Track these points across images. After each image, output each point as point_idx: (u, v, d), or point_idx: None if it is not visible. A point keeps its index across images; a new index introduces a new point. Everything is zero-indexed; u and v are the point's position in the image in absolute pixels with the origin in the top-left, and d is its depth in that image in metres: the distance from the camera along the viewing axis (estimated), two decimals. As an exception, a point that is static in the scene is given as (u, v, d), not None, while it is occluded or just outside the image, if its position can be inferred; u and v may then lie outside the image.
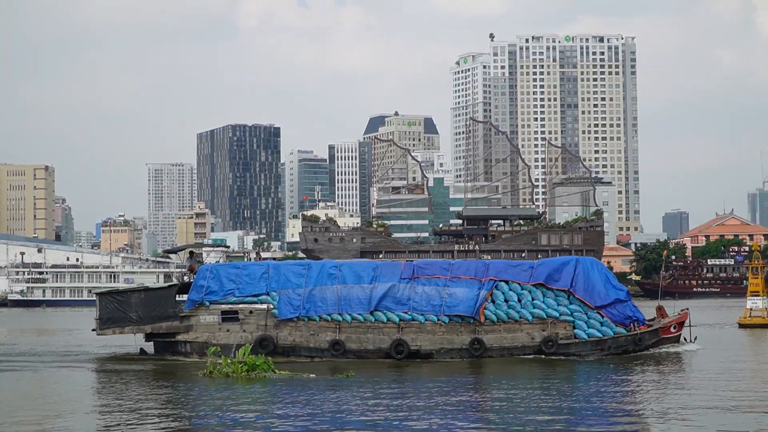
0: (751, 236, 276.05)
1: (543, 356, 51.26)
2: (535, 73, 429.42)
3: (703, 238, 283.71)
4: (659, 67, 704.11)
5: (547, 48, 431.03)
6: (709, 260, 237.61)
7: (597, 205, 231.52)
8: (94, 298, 56.61)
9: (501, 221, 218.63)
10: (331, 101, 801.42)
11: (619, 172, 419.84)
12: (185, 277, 58.45)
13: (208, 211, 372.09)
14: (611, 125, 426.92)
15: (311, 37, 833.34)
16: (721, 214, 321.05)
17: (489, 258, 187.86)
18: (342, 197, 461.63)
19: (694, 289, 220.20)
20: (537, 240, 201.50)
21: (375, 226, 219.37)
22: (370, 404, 35.09)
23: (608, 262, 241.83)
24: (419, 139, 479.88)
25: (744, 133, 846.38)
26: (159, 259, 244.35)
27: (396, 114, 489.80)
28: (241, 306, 53.47)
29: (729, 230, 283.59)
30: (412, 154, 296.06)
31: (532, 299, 52.99)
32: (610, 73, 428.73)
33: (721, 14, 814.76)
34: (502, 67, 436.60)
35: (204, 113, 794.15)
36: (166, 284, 57.72)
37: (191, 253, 62.64)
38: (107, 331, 54.82)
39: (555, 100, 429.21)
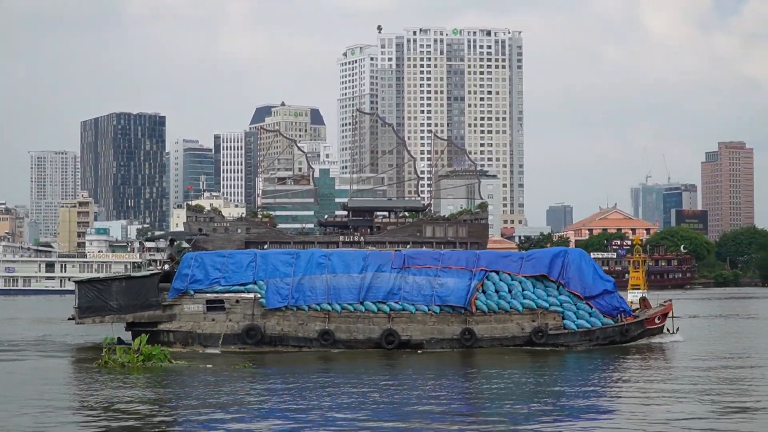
0: (633, 230, 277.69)
1: (533, 347, 51.17)
2: (422, 66, 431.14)
3: (587, 231, 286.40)
4: (545, 61, 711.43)
5: (435, 41, 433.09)
6: (591, 254, 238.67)
7: (482, 198, 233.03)
8: (73, 286, 55.50)
9: (386, 213, 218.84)
10: (217, 91, 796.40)
11: (504, 166, 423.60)
12: (165, 266, 57.14)
13: (92, 200, 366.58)
14: (497, 119, 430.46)
15: (198, 25, 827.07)
16: (604, 208, 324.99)
17: (374, 248, 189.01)
18: (227, 187, 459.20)
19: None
20: (422, 232, 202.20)
21: (260, 216, 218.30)
22: (263, 392, 35.27)
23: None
24: (306, 130, 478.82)
25: (628, 128, 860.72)
26: (41, 248, 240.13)
27: (282, 104, 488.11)
28: (227, 295, 52.34)
29: (612, 224, 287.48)
30: (298, 144, 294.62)
31: (523, 290, 52.72)
32: (496, 66, 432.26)
33: (606, 10, 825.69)
34: (390, 60, 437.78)
35: (89, 101, 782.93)
36: (149, 272, 55.68)
37: (171, 241, 61.21)
38: (87, 320, 53.45)
39: (442, 92, 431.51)
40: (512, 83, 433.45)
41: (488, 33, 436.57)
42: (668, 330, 55.99)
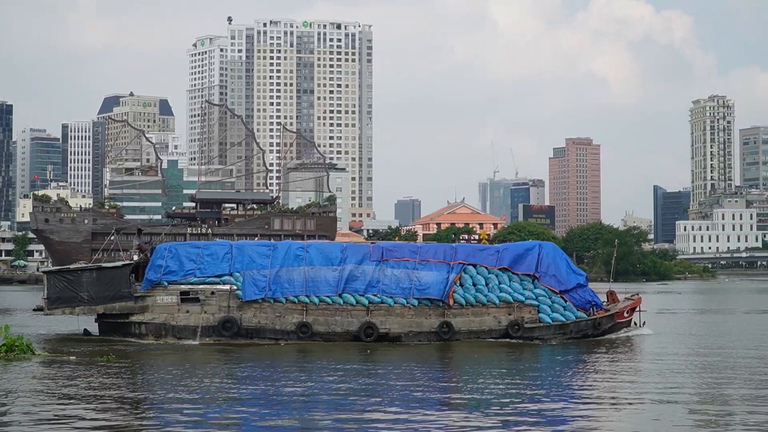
0: (481, 225, 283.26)
1: (509, 340, 51.22)
2: (272, 58, 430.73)
3: (435, 225, 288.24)
4: (395, 55, 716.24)
5: (285, 33, 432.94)
6: None
7: (330, 191, 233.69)
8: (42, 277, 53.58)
9: (234, 205, 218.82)
10: (65, 80, 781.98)
11: (353, 159, 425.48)
12: (134, 256, 55.43)
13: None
14: (346, 112, 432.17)
15: (45, 13, 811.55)
16: (452, 202, 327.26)
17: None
18: (75, 177, 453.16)
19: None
20: (270, 224, 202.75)
21: (107, 207, 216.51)
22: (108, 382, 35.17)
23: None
24: (154, 121, 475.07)
25: (477, 123, 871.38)
26: None
27: (131, 94, 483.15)
28: (202, 287, 51.65)
29: (460, 218, 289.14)
30: (147, 135, 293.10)
31: (499, 283, 52.87)
32: (346, 60, 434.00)
33: (455, 5, 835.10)
34: (239, 51, 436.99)
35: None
36: (120, 263, 53.94)
37: (139, 231, 60.61)
38: (56, 311, 52.71)
39: (291, 85, 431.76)
40: (362, 77, 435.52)
41: (338, 26, 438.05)
42: (635, 323, 56.56)
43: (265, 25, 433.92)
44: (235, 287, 51.55)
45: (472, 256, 53.97)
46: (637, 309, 57.12)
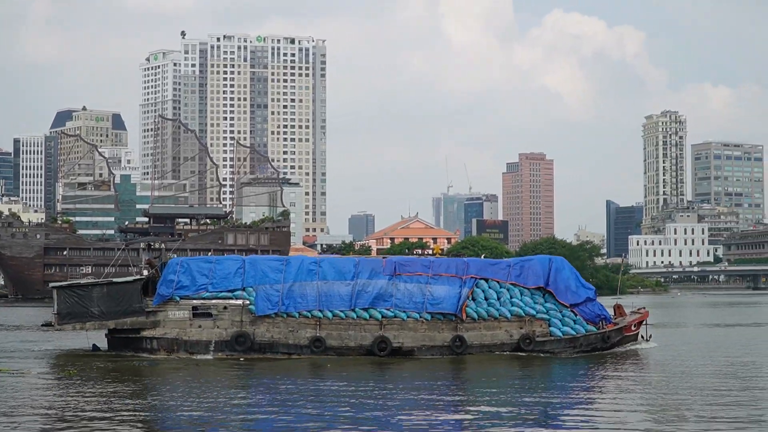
0: (434, 239, 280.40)
1: (521, 353, 51.64)
2: (225, 73, 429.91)
3: (389, 240, 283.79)
4: (349, 70, 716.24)
5: (239, 48, 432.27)
6: None
7: (284, 206, 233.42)
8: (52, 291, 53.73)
9: (188, 220, 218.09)
10: (17, 93, 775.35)
11: (307, 174, 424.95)
12: (144, 271, 55.18)
13: None
14: (300, 126, 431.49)
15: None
16: (406, 217, 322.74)
17: (175, 256, 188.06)
18: (27, 192, 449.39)
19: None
20: (223, 239, 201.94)
21: (60, 222, 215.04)
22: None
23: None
24: (107, 135, 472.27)
25: (431, 138, 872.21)
26: None
27: (84, 109, 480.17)
28: (214, 301, 51.81)
29: (414, 233, 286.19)
30: (100, 150, 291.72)
31: (511, 297, 53.40)
32: (300, 74, 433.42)
33: (409, 19, 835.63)
34: (193, 65, 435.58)
35: None
36: (131, 278, 54.07)
37: (148, 246, 60.74)
38: (66, 327, 52.63)
39: (245, 99, 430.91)
40: (315, 91, 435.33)
41: (292, 41, 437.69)
42: (642, 337, 57.23)
43: (218, 39, 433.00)
44: (247, 302, 51.79)
45: (484, 270, 54.35)
46: (644, 323, 57.76)
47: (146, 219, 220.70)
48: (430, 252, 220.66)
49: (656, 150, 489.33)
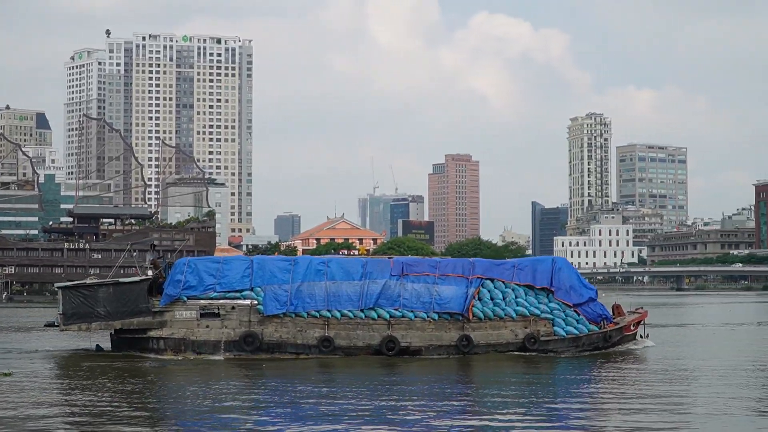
0: (360, 240, 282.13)
1: (525, 353, 51.99)
2: (151, 72, 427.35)
3: (314, 241, 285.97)
4: (275, 70, 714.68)
5: (164, 47, 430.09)
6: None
7: (209, 206, 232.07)
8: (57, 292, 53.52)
9: (112, 220, 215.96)
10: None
11: (233, 174, 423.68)
12: (149, 272, 54.79)
13: None
14: (226, 127, 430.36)
15: None
16: (332, 218, 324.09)
17: (99, 256, 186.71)
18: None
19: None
20: (148, 240, 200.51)
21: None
22: None
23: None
24: (31, 135, 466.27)
25: (357, 139, 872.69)
26: None
27: (7, 108, 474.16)
28: (222, 301, 51.65)
29: (339, 234, 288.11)
30: (23, 149, 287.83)
31: (516, 297, 53.74)
32: (226, 74, 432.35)
33: (334, 20, 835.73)
34: (118, 65, 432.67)
35: None
36: (138, 278, 53.52)
37: (152, 246, 59.72)
38: (72, 327, 52.19)
39: (170, 99, 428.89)
40: (242, 91, 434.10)
41: (218, 41, 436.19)
42: (641, 336, 57.55)
43: (144, 38, 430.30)
44: (255, 302, 51.70)
45: (489, 270, 54.74)
46: (642, 322, 58.23)
47: (70, 219, 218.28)
48: (356, 253, 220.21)
49: (581, 152, 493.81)
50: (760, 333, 77.18)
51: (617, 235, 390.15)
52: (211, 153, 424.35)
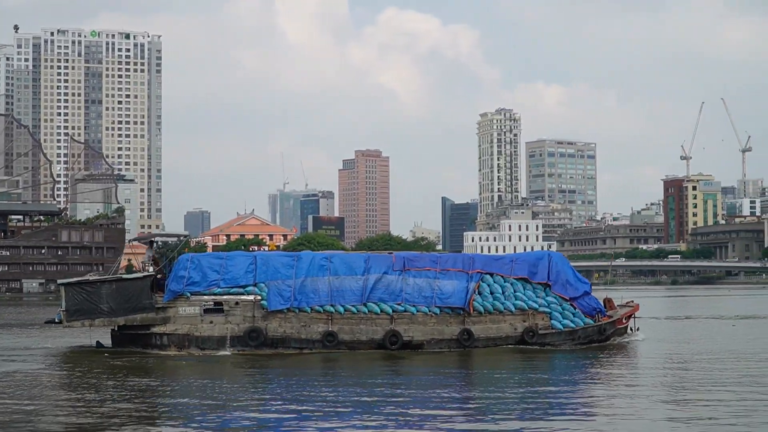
0: (270, 236, 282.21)
1: (524, 346, 52.54)
2: (59, 68, 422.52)
3: (224, 237, 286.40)
4: (184, 65, 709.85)
5: (73, 42, 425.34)
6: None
7: (119, 203, 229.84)
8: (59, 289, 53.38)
9: (21, 217, 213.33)
10: None
11: (143, 170, 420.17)
12: (150, 268, 54.95)
13: None
14: (135, 123, 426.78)
15: None
16: (242, 213, 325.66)
17: (8, 253, 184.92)
18: None
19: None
20: (57, 236, 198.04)
21: None
22: None
23: (129, 260, 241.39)
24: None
25: (267, 134, 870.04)
26: None
27: None
28: (226, 297, 51.92)
29: (249, 230, 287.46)
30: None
31: (514, 291, 54.31)
32: (135, 70, 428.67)
33: (242, 16, 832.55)
34: (26, 60, 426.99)
35: None
36: (141, 274, 54.03)
37: (151, 242, 59.58)
38: (75, 324, 52.26)
39: (79, 95, 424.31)
40: (151, 87, 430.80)
41: (127, 36, 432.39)
42: (631, 329, 58.43)
43: (52, 34, 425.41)
44: (259, 297, 52.04)
45: (489, 265, 55.56)
46: (633, 316, 58.99)
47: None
48: (266, 248, 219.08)
49: (491, 147, 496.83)
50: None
51: (527, 230, 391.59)
52: (120, 149, 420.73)
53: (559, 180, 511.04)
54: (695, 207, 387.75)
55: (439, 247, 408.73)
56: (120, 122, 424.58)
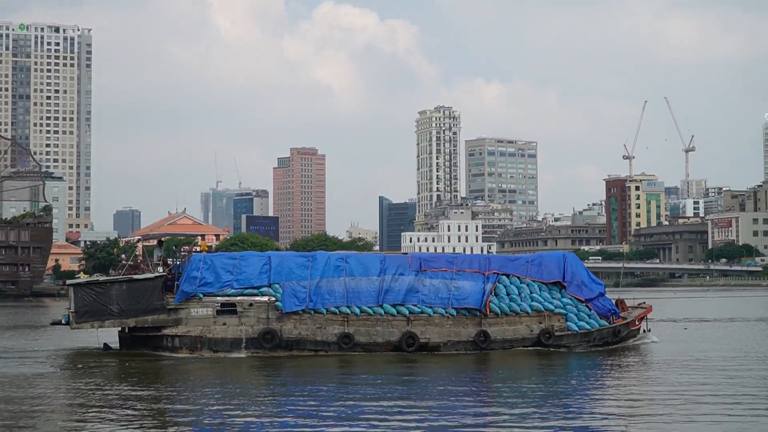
0: (203, 236, 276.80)
1: (540, 348, 52.28)
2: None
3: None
4: (115, 60, 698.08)
5: (0, 36, 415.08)
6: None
7: (46, 201, 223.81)
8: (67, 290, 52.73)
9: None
10: None
11: (71, 168, 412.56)
12: (159, 268, 53.96)
13: None
14: (64, 119, 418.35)
15: None
16: (173, 212, 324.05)
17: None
18: None
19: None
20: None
21: None
22: None
23: (56, 260, 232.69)
24: None
25: (200, 131, 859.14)
26: None
27: None
28: (239, 298, 51.14)
29: (181, 229, 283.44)
30: None
31: (530, 292, 53.87)
32: (65, 64, 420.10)
33: (175, 9, 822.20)
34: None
35: None
36: (152, 275, 52.58)
37: (159, 242, 58.69)
38: (84, 325, 51.35)
39: (7, 90, 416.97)
40: (81, 82, 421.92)
41: (57, 29, 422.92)
42: (644, 331, 58.06)
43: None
44: (273, 299, 51.34)
45: (505, 266, 55.11)
46: (646, 317, 58.83)
47: None
48: (197, 249, 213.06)
49: (430, 146, 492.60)
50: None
51: (466, 230, 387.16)
52: (48, 145, 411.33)
53: (499, 179, 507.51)
54: (638, 207, 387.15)
55: (376, 247, 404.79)
56: (48, 118, 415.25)
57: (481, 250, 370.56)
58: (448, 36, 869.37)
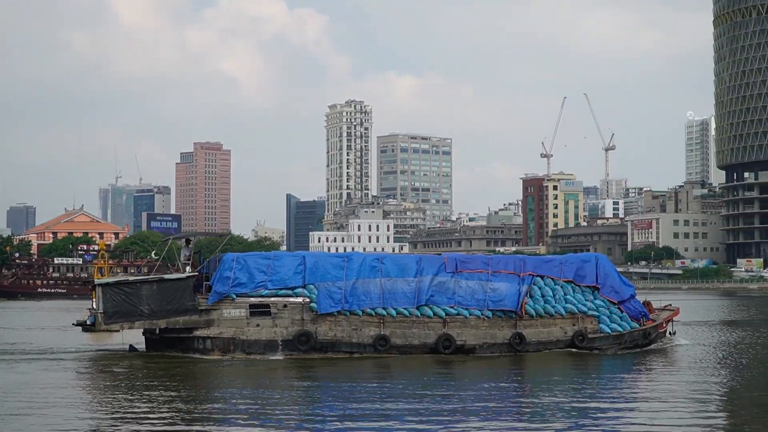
0: (101, 234, 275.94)
1: (573, 350, 52.38)
2: None
3: (51, 234, 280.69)
4: (4, 48, 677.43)
5: None
6: (55, 259, 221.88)
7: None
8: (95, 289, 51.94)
9: None
10: None
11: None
12: (187, 268, 52.75)
13: None
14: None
15: None
16: (70, 209, 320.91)
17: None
18: None
19: (39, 290, 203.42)
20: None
21: None
22: None
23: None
24: None
25: (97, 124, 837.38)
26: None
27: None
28: (273, 299, 50.74)
29: (78, 227, 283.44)
30: None
31: (564, 294, 54.14)
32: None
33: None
34: None
35: None
36: (184, 275, 51.30)
37: (187, 241, 56.62)
38: (113, 326, 50.44)
39: None
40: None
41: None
42: (670, 333, 58.57)
43: None
44: (308, 300, 50.97)
45: (540, 267, 55.01)
46: (673, 320, 59.21)
47: None
48: (95, 249, 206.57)
49: (340, 141, 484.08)
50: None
51: (377, 230, 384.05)
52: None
53: (412, 177, 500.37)
54: (556, 208, 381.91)
55: (284, 247, 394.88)
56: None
57: (393, 251, 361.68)
58: (359, 26, 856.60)
